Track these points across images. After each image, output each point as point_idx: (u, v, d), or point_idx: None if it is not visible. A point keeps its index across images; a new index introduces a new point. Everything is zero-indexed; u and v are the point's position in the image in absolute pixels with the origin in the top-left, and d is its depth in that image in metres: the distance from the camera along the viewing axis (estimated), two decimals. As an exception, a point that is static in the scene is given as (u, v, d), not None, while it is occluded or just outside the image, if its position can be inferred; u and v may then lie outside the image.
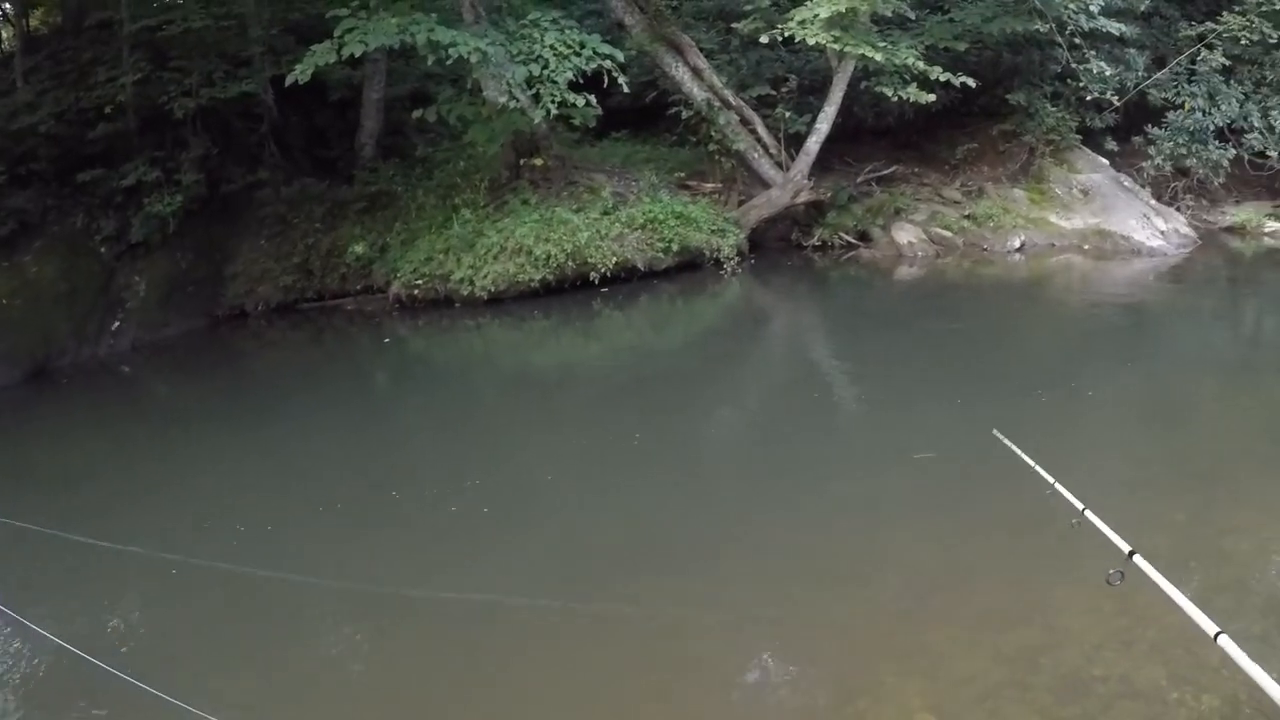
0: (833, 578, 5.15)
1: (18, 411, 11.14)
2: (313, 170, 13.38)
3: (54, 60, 13.94)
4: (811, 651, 4.56)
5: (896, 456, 6.53)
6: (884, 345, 9.84)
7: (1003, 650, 4.24)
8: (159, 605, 5.85)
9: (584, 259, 11.50)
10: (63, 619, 5.60)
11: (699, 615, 4.88)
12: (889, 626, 4.61)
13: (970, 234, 13.47)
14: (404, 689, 4.60)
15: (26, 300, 12.12)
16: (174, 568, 5.98)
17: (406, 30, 10.96)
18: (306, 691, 4.79)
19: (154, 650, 5.29)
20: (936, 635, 4.43)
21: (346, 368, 11.21)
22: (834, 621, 4.72)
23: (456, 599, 5.28)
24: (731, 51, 14.09)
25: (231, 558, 6.09)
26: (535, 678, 4.52)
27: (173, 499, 7.45)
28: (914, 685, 4.12)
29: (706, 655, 4.58)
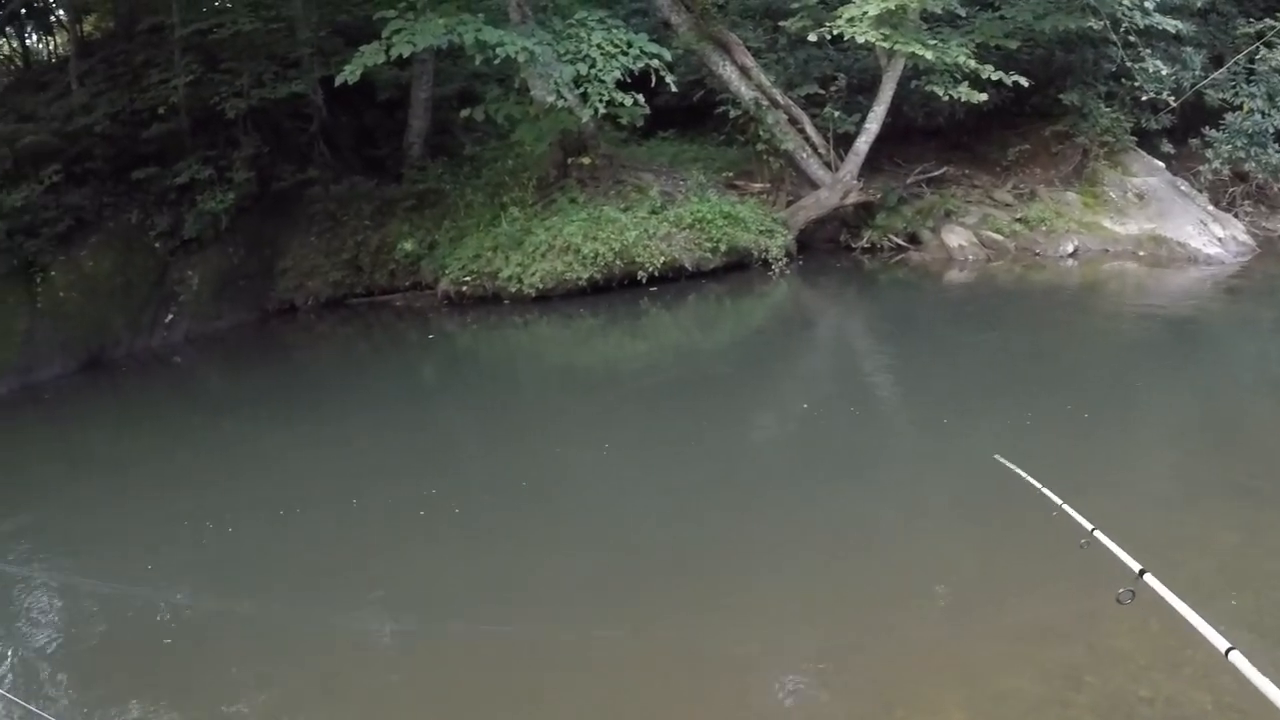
0: (871, 586, 5.01)
1: (74, 400, 11.46)
2: (362, 168, 13.54)
3: (107, 64, 14.23)
4: (850, 659, 4.42)
5: (935, 468, 6.38)
6: (930, 354, 9.58)
7: (1045, 666, 4.08)
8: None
9: (631, 258, 11.46)
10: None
11: (735, 619, 4.79)
12: (928, 637, 4.47)
13: (1022, 238, 13.19)
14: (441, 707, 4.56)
15: (83, 293, 12.41)
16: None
17: (454, 30, 11.02)
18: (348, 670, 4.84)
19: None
20: (977, 648, 4.30)
21: (394, 363, 11.26)
22: (872, 630, 4.59)
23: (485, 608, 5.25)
24: (779, 50, 13.97)
25: (245, 556, 6.23)
26: (576, 692, 4.43)
27: (222, 485, 7.57)
28: (953, 697, 3.99)
29: (743, 660, 4.48)
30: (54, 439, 10.64)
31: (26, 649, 5.54)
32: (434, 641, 5.04)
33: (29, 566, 6.70)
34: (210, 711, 4.66)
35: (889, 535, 5.61)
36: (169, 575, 6.19)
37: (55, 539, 7.15)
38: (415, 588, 5.64)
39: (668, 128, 14.45)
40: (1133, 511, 5.41)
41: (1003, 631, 4.44)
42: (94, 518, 7.42)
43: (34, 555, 6.89)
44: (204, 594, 5.99)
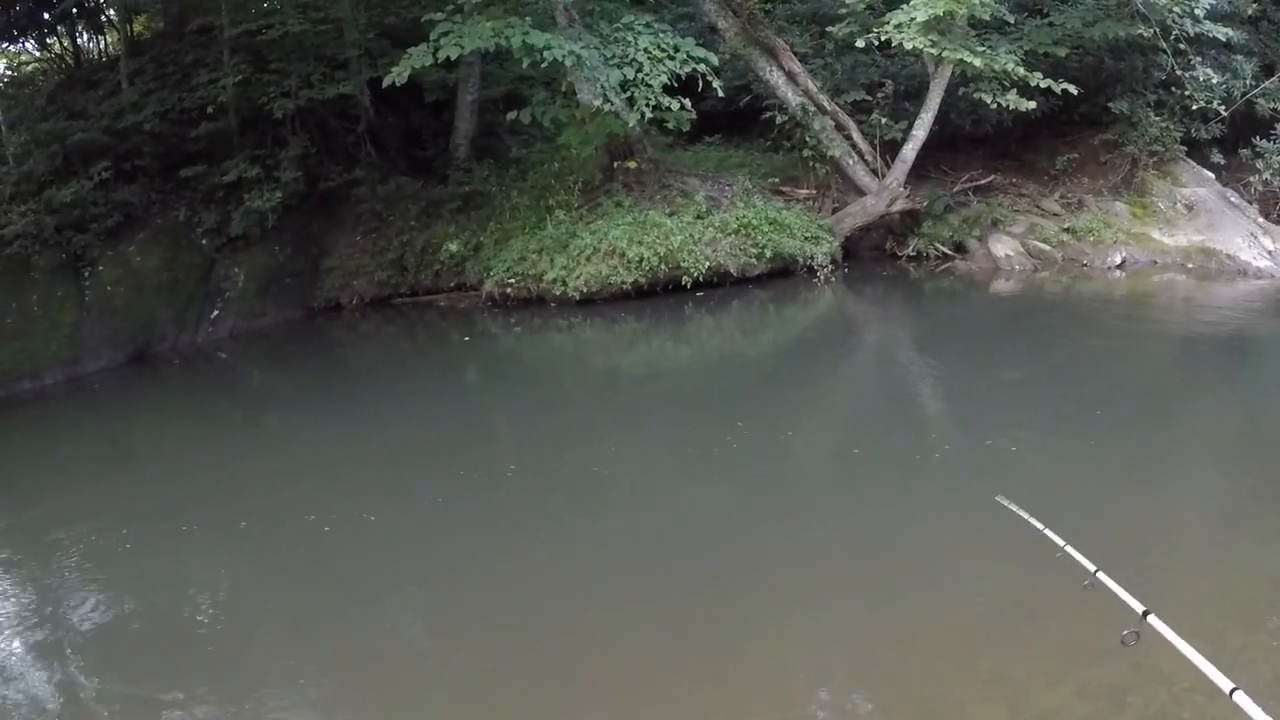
0: (912, 598, 4.89)
1: (120, 392, 11.65)
2: (408, 169, 13.58)
3: (157, 63, 14.39)
4: (890, 670, 4.35)
5: (978, 485, 6.11)
6: (975, 369, 9.32)
7: (1088, 686, 3.98)
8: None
9: (676, 263, 11.40)
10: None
11: (773, 629, 4.73)
12: (971, 651, 4.37)
13: (1069, 248, 13.01)
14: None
15: (130, 288, 12.55)
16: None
17: (501, 34, 11.02)
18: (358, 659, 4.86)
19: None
20: (1019, 665, 4.20)
21: (437, 362, 11.31)
22: (914, 642, 4.50)
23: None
24: (826, 56, 13.88)
25: (275, 550, 6.28)
26: (610, 699, 4.38)
27: (261, 477, 7.71)
28: (995, 713, 3.92)
29: (782, 670, 4.43)
30: (98, 430, 10.79)
31: (62, 625, 5.65)
32: (465, 640, 5.02)
33: (68, 548, 6.81)
34: (234, 694, 4.69)
35: (925, 552, 5.48)
36: (200, 559, 6.35)
37: (92, 523, 7.22)
38: (448, 584, 5.63)
39: (714, 133, 14.42)
40: (1161, 541, 5.33)
41: (1045, 650, 4.34)
42: (132, 504, 7.55)
43: (72, 538, 6.98)
44: (235, 585, 6.08)
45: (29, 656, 5.36)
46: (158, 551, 6.48)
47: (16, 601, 6.16)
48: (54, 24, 16.01)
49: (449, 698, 4.50)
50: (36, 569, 6.56)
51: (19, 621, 5.85)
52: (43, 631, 5.61)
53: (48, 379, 12.02)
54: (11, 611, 6.01)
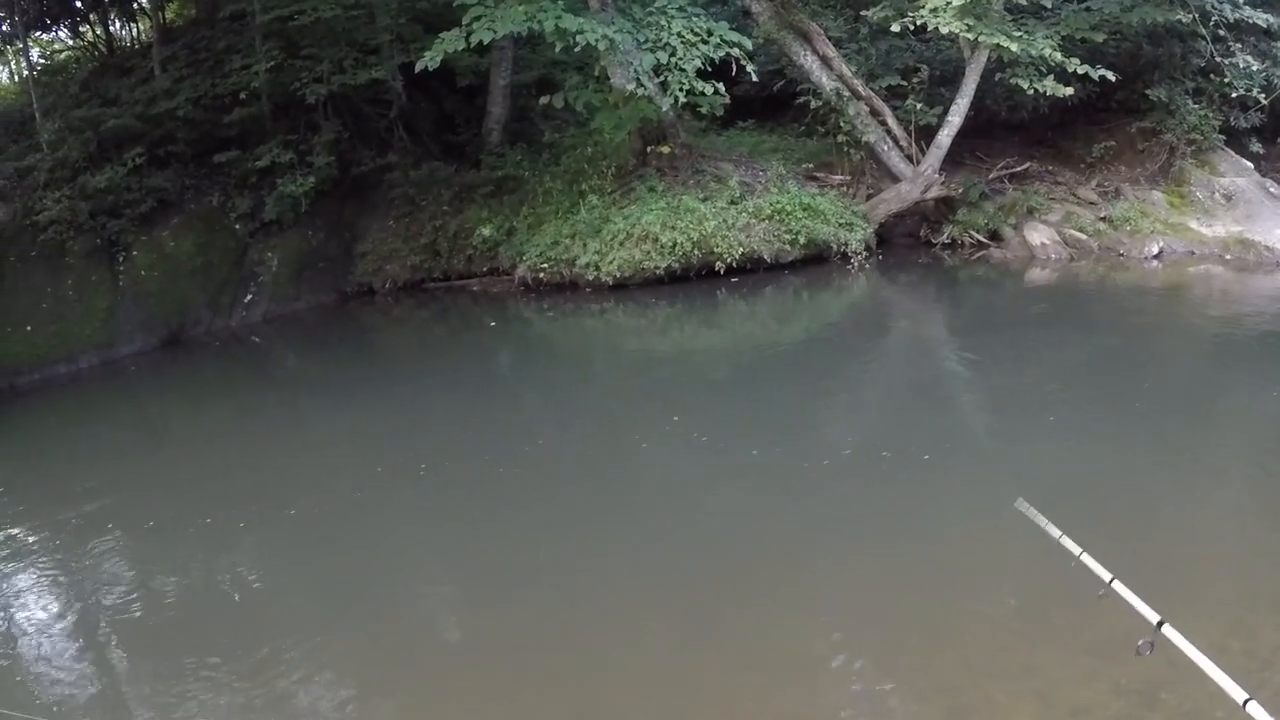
0: (943, 589, 4.78)
1: (154, 376, 11.72)
2: (441, 154, 13.58)
3: (190, 50, 14.46)
4: (921, 663, 4.24)
5: (1004, 482, 5.94)
6: (1008, 361, 9.05)
7: (1122, 683, 3.85)
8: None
9: (710, 248, 11.33)
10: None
11: (801, 619, 4.65)
12: (1002, 644, 4.28)
13: (1106, 238, 12.81)
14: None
15: (164, 273, 12.61)
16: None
17: (534, 18, 10.98)
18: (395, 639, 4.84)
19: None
20: (1051, 659, 4.09)
21: (470, 347, 11.29)
22: (945, 634, 4.40)
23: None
24: (860, 40, 13.78)
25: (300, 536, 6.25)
26: (640, 685, 4.32)
27: (292, 459, 7.72)
28: (1027, 709, 3.83)
29: (813, 662, 4.34)
30: (132, 412, 10.90)
31: (95, 604, 5.68)
32: (493, 623, 4.97)
33: (102, 528, 6.84)
34: (262, 672, 4.67)
35: (955, 547, 5.32)
36: (233, 540, 6.34)
37: (126, 505, 7.29)
38: (474, 568, 5.60)
39: (747, 118, 14.34)
40: (1191, 543, 5.18)
41: (1078, 645, 4.20)
42: (165, 486, 7.58)
43: (105, 519, 7.04)
44: (268, 567, 6.07)
45: (62, 635, 5.40)
46: (190, 533, 6.49)
47: (51, 581, 6.20)
48: (86, 12, 16.13)
49: (475, 679, 4.47)
50: (70, 549, 6.59)
51: (53, 600, 5.90)
52: (75, 610, 5.65)
53: (82, 363, 12.11)
54: (46, 590, 6.06)
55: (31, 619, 5.72)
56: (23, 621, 5.71)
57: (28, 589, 6.13)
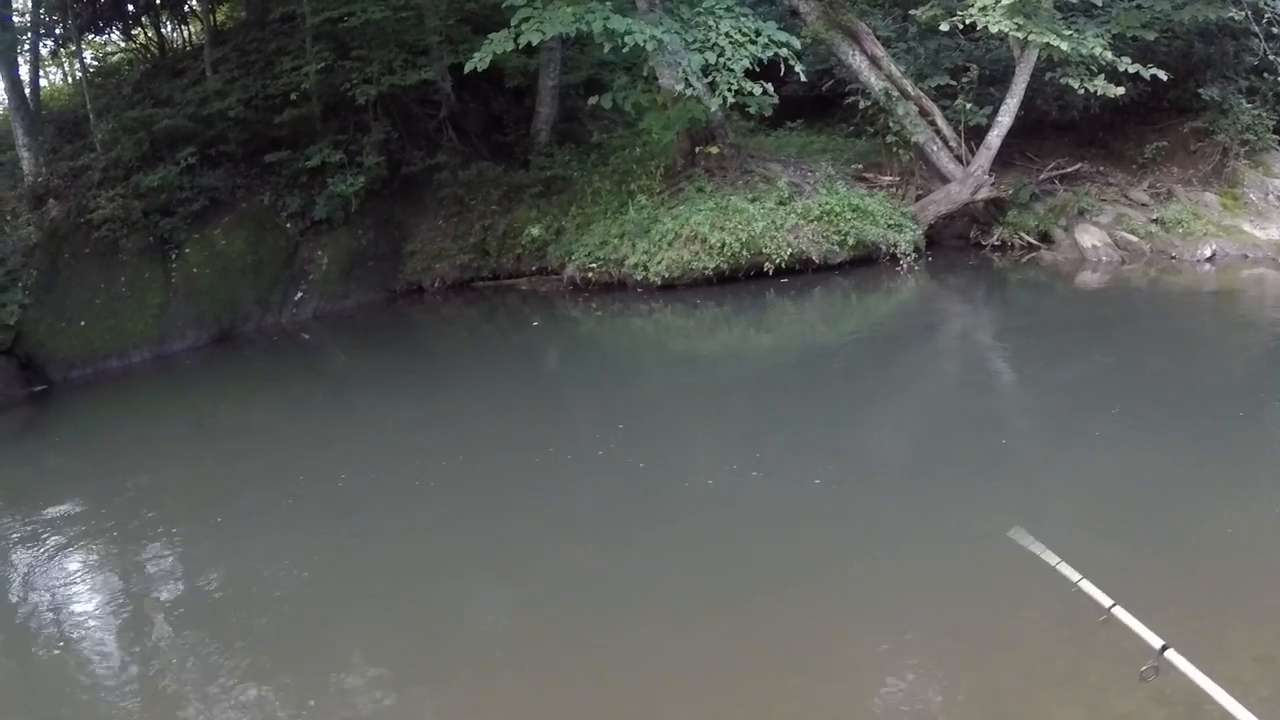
0: (987, 597, 4.66)
1: (205, 371, 11.94)
2: (489, 154, 13.69)
3: (240, 51, 14.69)
4: (966, 667, 4.17)
5: (1050, 490, 5.90)
6: (1059, 366, 8.81)
7: (1165, 691, 3.68)
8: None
9: (758, 249, 11.30)
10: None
11: (845, 622, 4.60)
12: (1049, 651, 4.16)
13: (1158, 240, 12.57)
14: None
15: (215, 270, 12.83)
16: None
17: (582, 19, 11.00)
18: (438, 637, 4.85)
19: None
20: (1096, 667, 3.96)
21: (518, 345, 11.35)
22: (991, 638, 4.32)
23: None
24: (909, 40, 13.66)
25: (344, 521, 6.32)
26: (682, 687, 4.28)
27: (340, 454, 7.76)
28: (1072, 715, 3.75)
29: (853, 662, 4.29)
30: (183, 405, 11.08)
31: (146, 596, 5.79)
32: (539, 621, 4.95)
33: (153, 521, 6.97)
34: (311, 665, 4.72)
35: (999, 554, 5.18)
36: (284, 533, 6.39)
37: (176, 497, 7.44)
38: (520, 566, 5.58)
39: (795, 118, 14.27)
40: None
41: (1123, 652, 4.10)
42: (216, 479, 7.70)
43: (157, 511, 7.16)
44: (317, 560, 6.07)
45: (114, 625, 5.49)
46: (240, 525, 6.58)
47: (104, 573, 6.33)
48: (139, 15, 16.43)
49: (522, 678, 4.46)
50: (123, 541, 6.70)
51: (105, 591, 6.02)
52: (127, 602, 5.75)
53: (135, 358, 12.33)
54: (98, 582, 6.18)
55: (78, 598, 5.87)
56: (70, 600, 5.86)
57: (76, 571, 6.29)
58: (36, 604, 5.99)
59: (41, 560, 6.51)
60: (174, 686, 4.73)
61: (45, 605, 5.92)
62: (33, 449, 10.00)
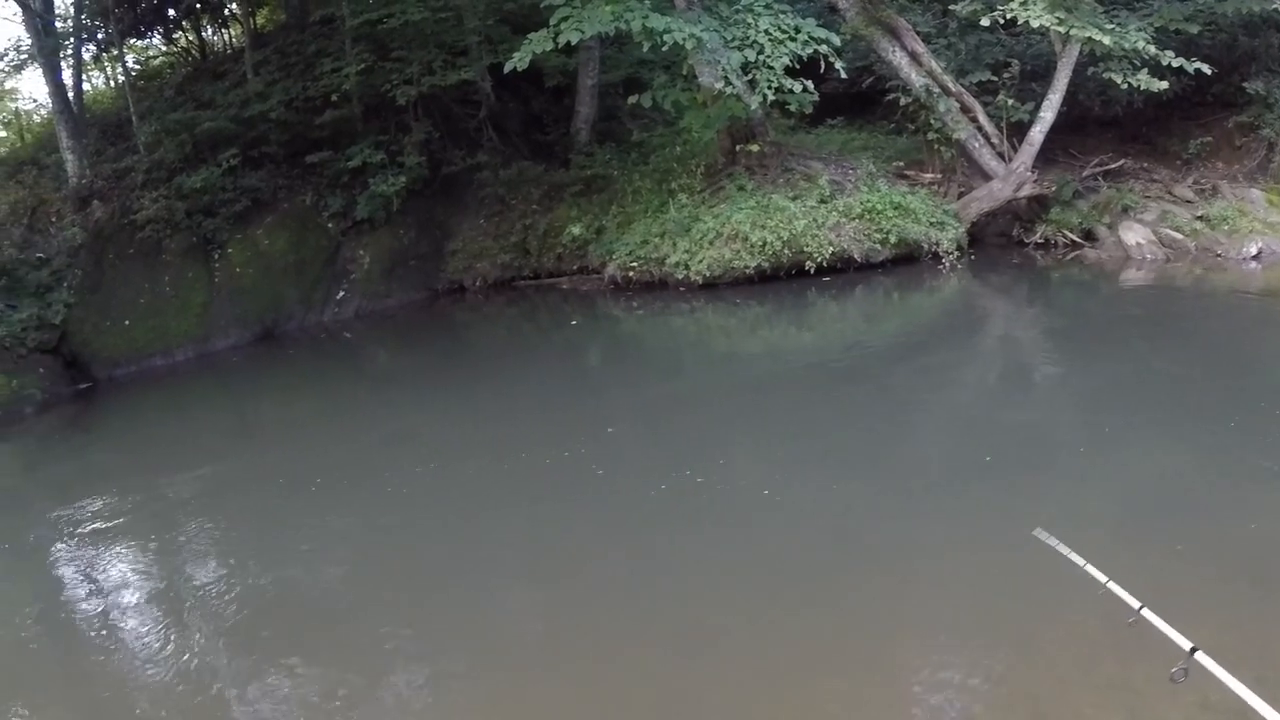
0: (1029, 599, 4.57)
1: (248, 369, 12.11)
2: (530, 154, 13.75)
3: (281, 54, 14.86)
4: (1005, 670, 4.11)
5: (1095, 491, 5.74)
6: (1100, 367, 8.53)
7: (1210, 698, 3.62)
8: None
9: (800, 247, 11.25)
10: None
11: (886, 623, 4.53)
12: (1088, 654, 4.08)
13: (1203, 237, 12.34)
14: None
15: (258, 270, 12.99)
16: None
17: (620, 18, 11.00)
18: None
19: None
20: (1141, 670, 3.87)
21: (558, 344, 11.37)
22: (1030, 642, 4.25)
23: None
24: (949, 35, 13.53)
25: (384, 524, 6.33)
26: (709, 674, 4.28)
27: (380, 450, 7.83)
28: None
29: (897, 664, 4.23)
30: (226, 402, 11.27)
31: (188, 588, 5.86)
32: (582, 621, 4.91)
33: (196, 516, 7.08)
34: (351, 660, 4.73)
35: (1035, 555, 5.06)
36: (324, 529, 6.44)
37: (218, 493, 7.54)
38: (554, 562, 5.57)
39: (836, 115, 14.19)
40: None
41: (1167, 657, 4.02)
42: (257, 476, 7.80)
43: (199, 506, 7.27)
44: (358, 556, 6.13)
45: (154, 615, 5.57)
46: (282, 520, 6.64)
47: (146, 566, 6.44)
48: (180, 19, 16.62)
49: (562, 676, 4.45)
50: (166, 535, 6.80)
51: (146, 583, 6.11)
52: (167, 593, 5.84)
53: (179, 356, 12.50)
54: (140, 575, 6.28)
55: (119, 588, 6.00)
56: (112, 590, 5.98)
57: (117, 562, 6.43)
58: (80, 594, 6.12)
59: (85, 552, 6.65)
60: (210, 675, 4.82)
61: (88, 595, 6.05)
62: (78, 445, 10.18)
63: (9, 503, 8.47)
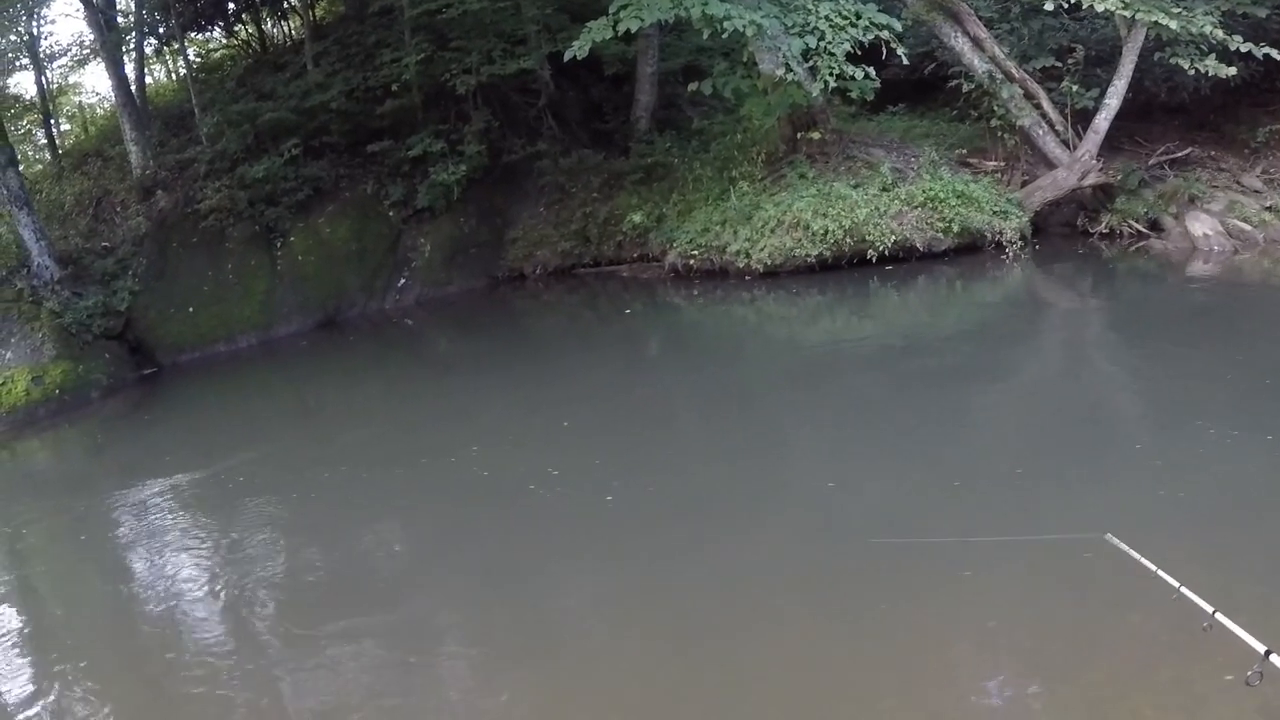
0: (1089, 596, 4.50)
1: (309, 356, 12.32)
2: (590, 142, 13.80)
3: (340, 45, 15.04)
4: (1065, 670, 4.04)
5: (1154, 491, 5.58)
6: (1166, 362, 8.28)
7: (1272, 703, 3.58)
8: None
9: (862, 236, 11.16)
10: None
11: (944, 621, 4.47)
12: (1151, 657, 4.02)
13: (1272, 228, 11.98)
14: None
15: (320, 258, 13.20)
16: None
17: (680, 4, 10.93)
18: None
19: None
20: (1200, 675, 3.82)
21: (619, 332, 11.41)
22: (1091, 643, 4.17)
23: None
24: (1012, 20, 13.25)
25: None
26: (767, 667, 4.24)
27: (440, 437, 7.88)
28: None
29: (955, 662, 4.19)
30: (287, 388, 11.46)
31: (244, 568, 5.96)
32: (630, 618, 4.89)
33: (256, 497, 7.25)
34: (400, 644, 4.78)
35: (1099, 556, 4.81)
36: (380, 514, 6.53)
37: (278, 475, 7.70)
38: (619, 561, 5.51)
39: (897, 102, 13.99)
40: None
41: (1229, 660, 3.74)
42: (316, 460, 7.90)
43: (260, 487, 7.43)
44: (413, 542, 6.22)
45: (214, 593, 5.73)
46: (339, 504, 6.74)
47: (206, 543, 6.59)
48: (239, 12, 16.89)
49: (610, 671, 4.43)
50: (226, 515, 6.96)
51: (205, 560, 6.26)
52: (226, 572, 5.95)
53: (241, 343, 12.74)
54: (200, 552, 6.44)
55: (181, 566, 6.17)
56: (174, 568, 6.16)
57: (179, 541, 6.65)
58: (142, 570, 6.33)
59: (148, 530, 6.86)
60: (264, 649, 4.96)
61: (150, 571, 6.26)
62: (142, 428, 10.46)
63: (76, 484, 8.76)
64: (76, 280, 12.63)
